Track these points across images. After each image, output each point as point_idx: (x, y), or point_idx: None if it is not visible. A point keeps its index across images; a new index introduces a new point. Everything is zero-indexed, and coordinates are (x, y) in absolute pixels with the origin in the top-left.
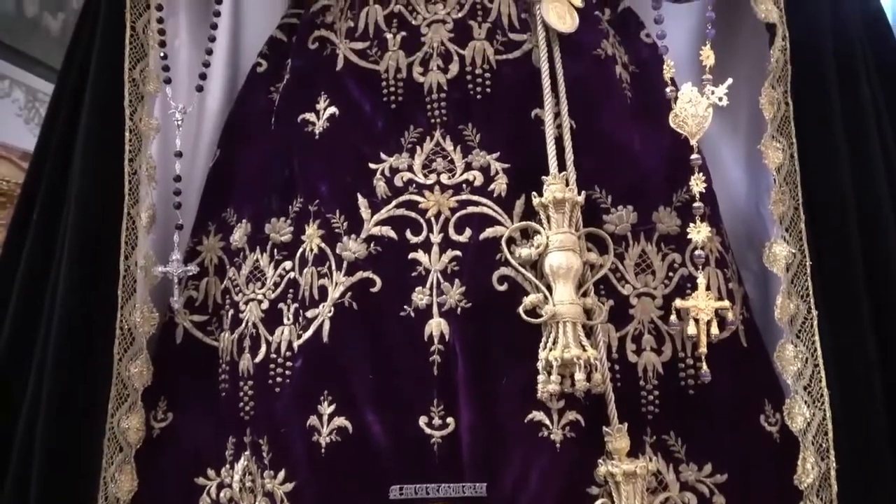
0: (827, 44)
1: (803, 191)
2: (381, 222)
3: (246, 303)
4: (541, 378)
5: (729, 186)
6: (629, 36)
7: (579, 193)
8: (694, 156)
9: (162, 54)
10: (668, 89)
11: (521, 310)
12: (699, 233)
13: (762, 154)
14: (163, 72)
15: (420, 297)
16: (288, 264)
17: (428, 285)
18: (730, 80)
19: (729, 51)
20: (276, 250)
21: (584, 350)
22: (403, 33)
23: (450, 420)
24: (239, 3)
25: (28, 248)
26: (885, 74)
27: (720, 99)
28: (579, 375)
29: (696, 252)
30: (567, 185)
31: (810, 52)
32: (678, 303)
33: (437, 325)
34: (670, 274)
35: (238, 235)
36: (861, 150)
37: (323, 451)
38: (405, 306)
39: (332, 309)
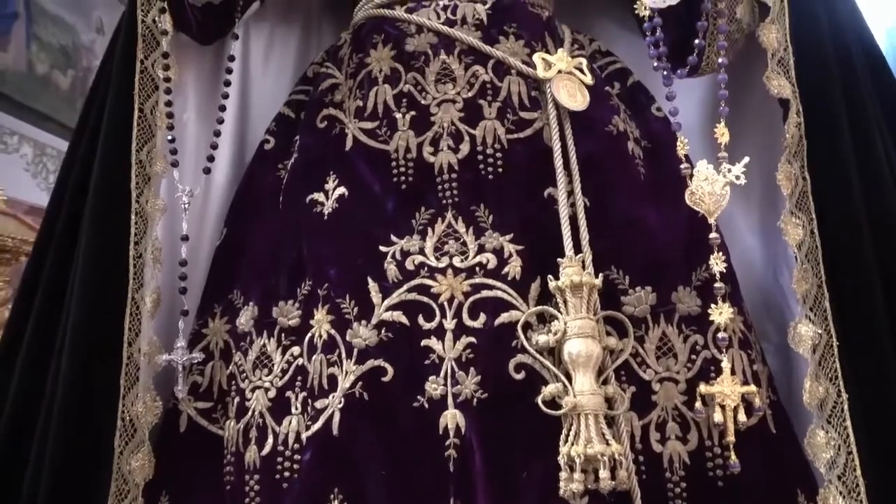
0: (842, 115)
1: (825, 268)
2: (393, 307)
3: (252, 390)
4: (563, 475)
5: (744, 255)
6: (640, 110)
7: (596, 275)
8: (713, 234)
9: (170, 137)
10: (682, 166)
11: (539, 401)
12: (721, 314)
13: (782, 231)
14: (170, 154)
15: (434, 386)
16: (296, 350)
17: (442, 374)
18: (746, 159)
19: (738, 123)
20: (283, 335)
21: (608, 444)
22: (413, 113)
23: None
24: (246, 78)
25: (29, 334)
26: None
27: (737, 178)
28: (604, 473)
29: (720, 335)
30: (584, 267)
31: (826, 125)
32: (703, 388)
33: (452, 417)
34: (693, 357)
35: (244, 319)
36: (883, 223)
37: None
38: (418, 397)
39: (343, 400)
